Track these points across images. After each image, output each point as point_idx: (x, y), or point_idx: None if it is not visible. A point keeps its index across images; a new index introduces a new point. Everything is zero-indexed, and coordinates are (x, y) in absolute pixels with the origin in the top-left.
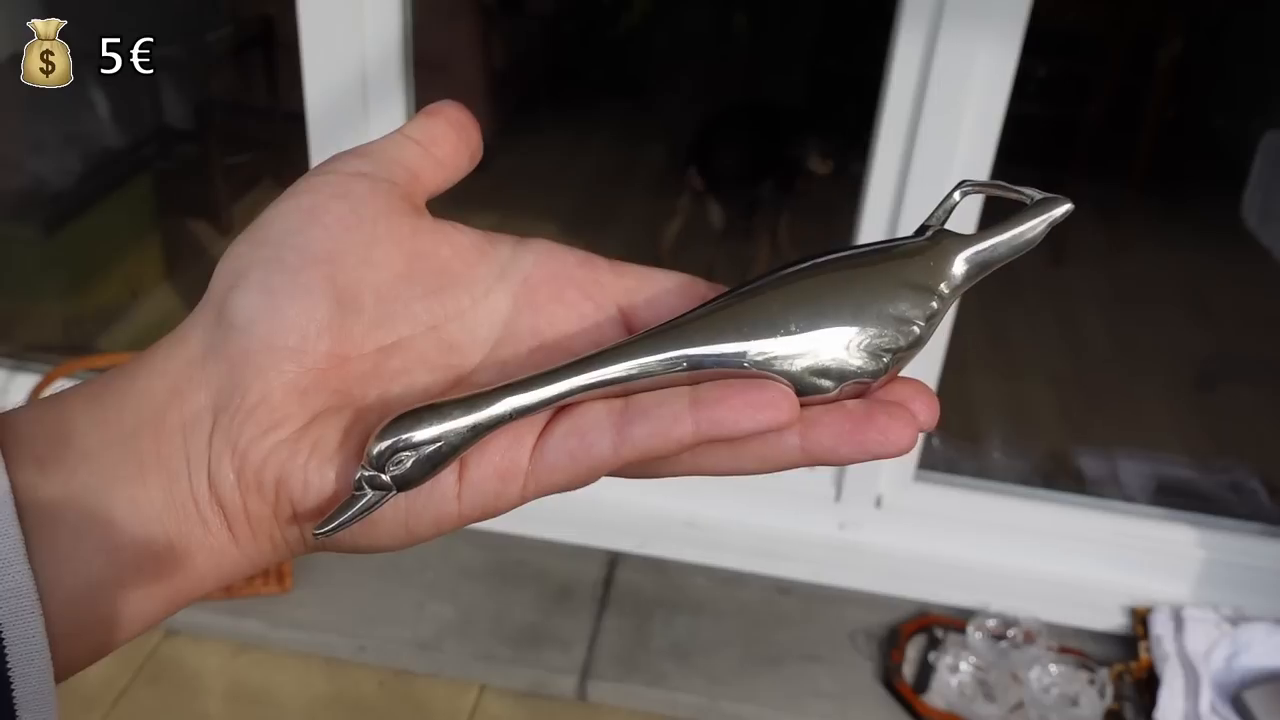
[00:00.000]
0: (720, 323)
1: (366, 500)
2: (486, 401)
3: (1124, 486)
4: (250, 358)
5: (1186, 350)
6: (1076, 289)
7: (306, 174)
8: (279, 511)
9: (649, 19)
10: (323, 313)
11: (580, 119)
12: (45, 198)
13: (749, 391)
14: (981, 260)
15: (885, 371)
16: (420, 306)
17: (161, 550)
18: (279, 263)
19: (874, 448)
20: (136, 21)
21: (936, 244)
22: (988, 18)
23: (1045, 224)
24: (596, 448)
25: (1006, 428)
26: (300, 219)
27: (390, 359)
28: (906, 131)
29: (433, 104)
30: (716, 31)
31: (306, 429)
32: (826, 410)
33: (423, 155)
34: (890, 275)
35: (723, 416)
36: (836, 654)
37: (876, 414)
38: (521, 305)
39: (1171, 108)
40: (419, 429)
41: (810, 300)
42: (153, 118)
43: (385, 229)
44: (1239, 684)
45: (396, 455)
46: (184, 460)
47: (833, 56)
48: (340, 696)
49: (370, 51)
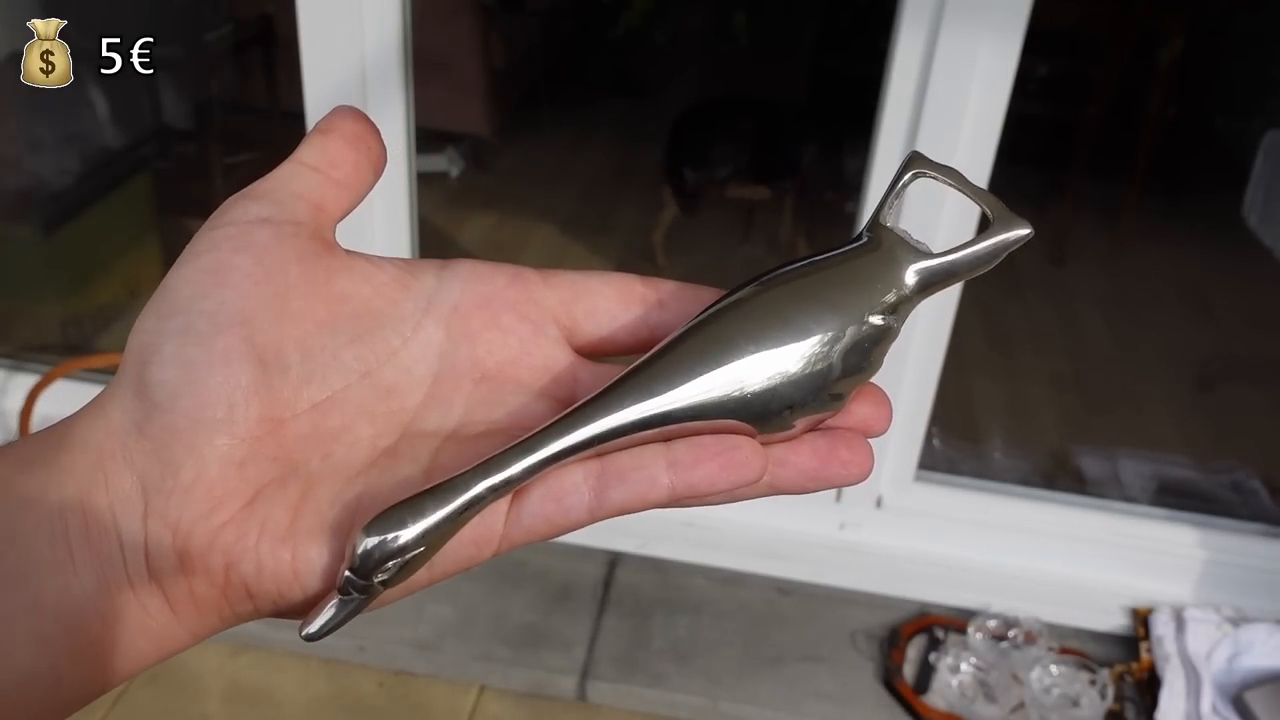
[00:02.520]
0: (681, 369)
1: (355, 604)
2: (461, 489)
3: (1125, 487)
4: (178, 435)
5: (1187, 350)
6: (1076, 289)
7: (202, 229)
8: (229, 593)
9: (649, 19)
10: (247, 378)
11: (580, 119)
12: (44, 198)
13: (723, 453)
14: (936, 280)
15: (843, 405)
16: (349, 354)
17: (97, 637)
18: (191, 332)
19: (837, 481)
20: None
21: (891, 261)
22: (988, 17)
23: (1001, 247)
24: (574, 512)
25: (1007, 428)
26: (205, 281)
27: (327, 416)
28: (906, 131)
29: (325, 119)
30: (717, 31)
31: (251, 506)
32: (790, 449)
33: (323, 182)
34: (845, 303)
35: (698, 480)
36: (837, 654)
37: (838, 448)
38: (456, 336)
39: (1172, 107)
40: (401, 531)
41: (766, 335)
42: (152, 117)
43: (298, 277)
44: (1240, 685)
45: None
46: (116, 544)
47: (833, 56)
48: (340, 697)
49: (370, 50)
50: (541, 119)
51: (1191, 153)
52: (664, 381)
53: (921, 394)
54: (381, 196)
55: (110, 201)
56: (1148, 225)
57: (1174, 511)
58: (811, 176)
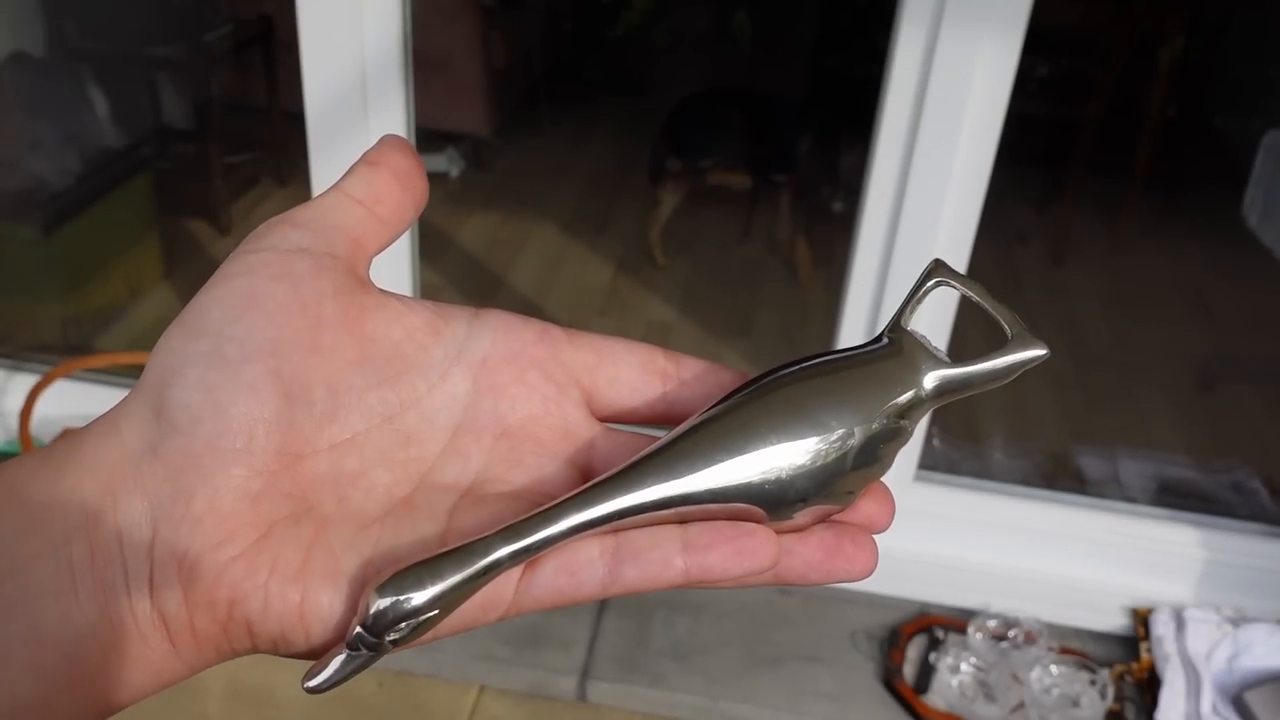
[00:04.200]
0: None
1: (361, 660)
2: (480, 553)
3: (1125, 487)
4: (194, 461)
5: (1187, 350)
6: (1077, 289)
7: (238, 251)
8: (231, 629)
9: (649, 19)
10: (270, 410)
11: (580, 118)
12: (44, 198)
13: (738, 539)
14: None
15: (853, 501)
16: (374, 396)
17: (95, 668)
18: (218, 357)
19: (840, 576)
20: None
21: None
22: (988, 17)
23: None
24: (586, 587)
25: (1007, 428)
26: (238, 306)
27: (346, 458)
28: (906, 131)
29: (375, 149)
30: (717, 31)
31: (263, 542)
32: (797, 540)
33: (366, 218)
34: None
35: (712, 564)
36: (837, 654)
37: (844, 544)
38: (482, 388)
39: (1172, 107)
40: (418, 593)
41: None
42: (152, 117)
43: (332, 311)
44: (1240, 685)
45: (392, 625)
46: (121, 573)
47: (833, 55)
48: (340, 696)
49: (370, 50)
50: (541, 118)
51: (1191, 152)
52: (686, 463)
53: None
54: None
55: (110, 201)
56: (1148, 225)
57: (1174, 511)
58: (810, 174)
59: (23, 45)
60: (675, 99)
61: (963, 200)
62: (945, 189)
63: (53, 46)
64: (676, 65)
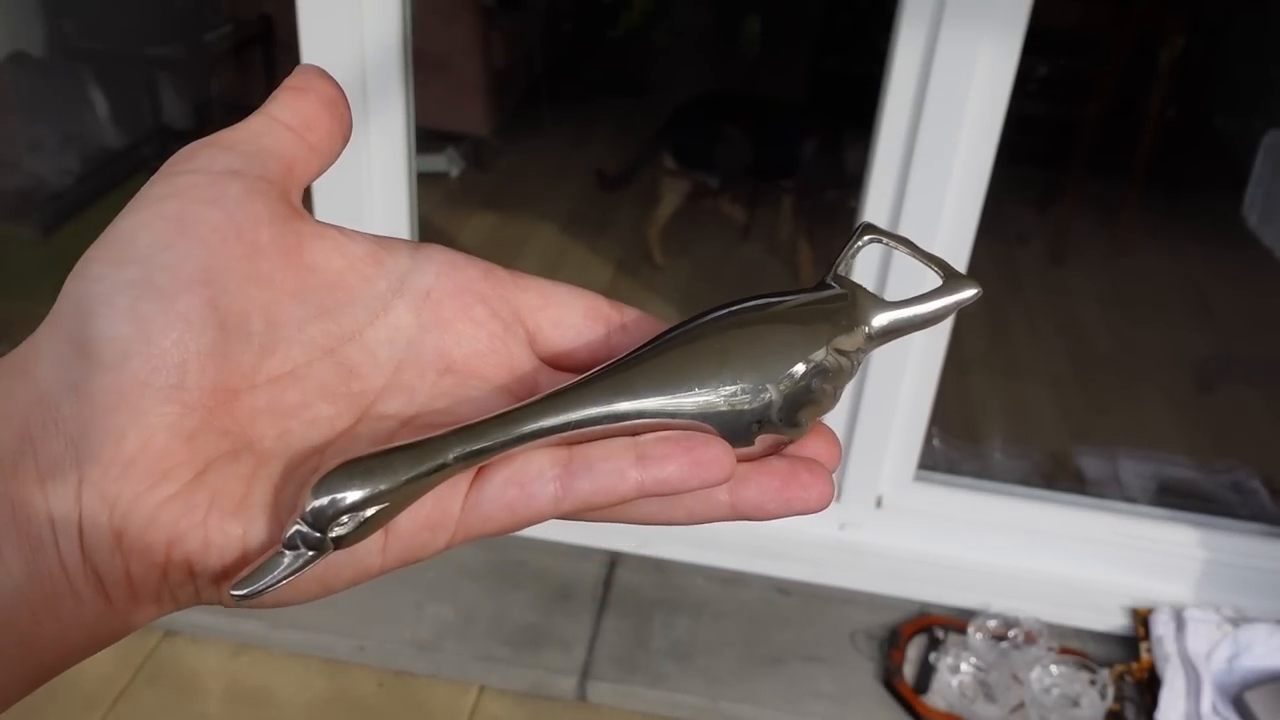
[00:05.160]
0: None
1: (300, 561)
2: (434, 451)
3: (1125, 487)
4: (122, 399)
5: (1187, 350)
6: (1076, 289)
7: (162, 173)
8: (170, 573)
9: (649, 19)
10: (206, 343)
11: (580, 118)
12: (44, 198)
13: (694, 449)
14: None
15: (804, 432)
16: (315, 328)
17: (25, 631)
18: (149, 285)
19: (798, 505)
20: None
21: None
22: (988, 17)
23: (954, 305)
24: (537, 499)
25: (1007, 428)
26: (169, 231)
27: (286, 391)
28: (906, 131)
29: (297, 75)
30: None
31: (200, 479)
32: (754, 468)
33: (296, 142)
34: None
35: (669, 474)
36: (837, 654)
37: (800, 472)
38: (426, 322)
39: (1172, 107)
40: (365, 485)
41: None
42: (152, 118)
43: (269, 239)
44: (1240, 685)
45: (338, 515)
46: (47, 523)
47: (833, 55)
48: (340, 697)
49: (370, 51)
50: (541, 119)
51: (1191, 152)
52: (644, 380)
53: (921, 394)
54: (382, 196)
55: (110, 201)
56: (1148, 225)
57: (1174, 511)
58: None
59: (23, 45)
60: (675, 99)
61: (963, 200)
62: (945, 189)
63: (53, 46)
64: (676, 65)
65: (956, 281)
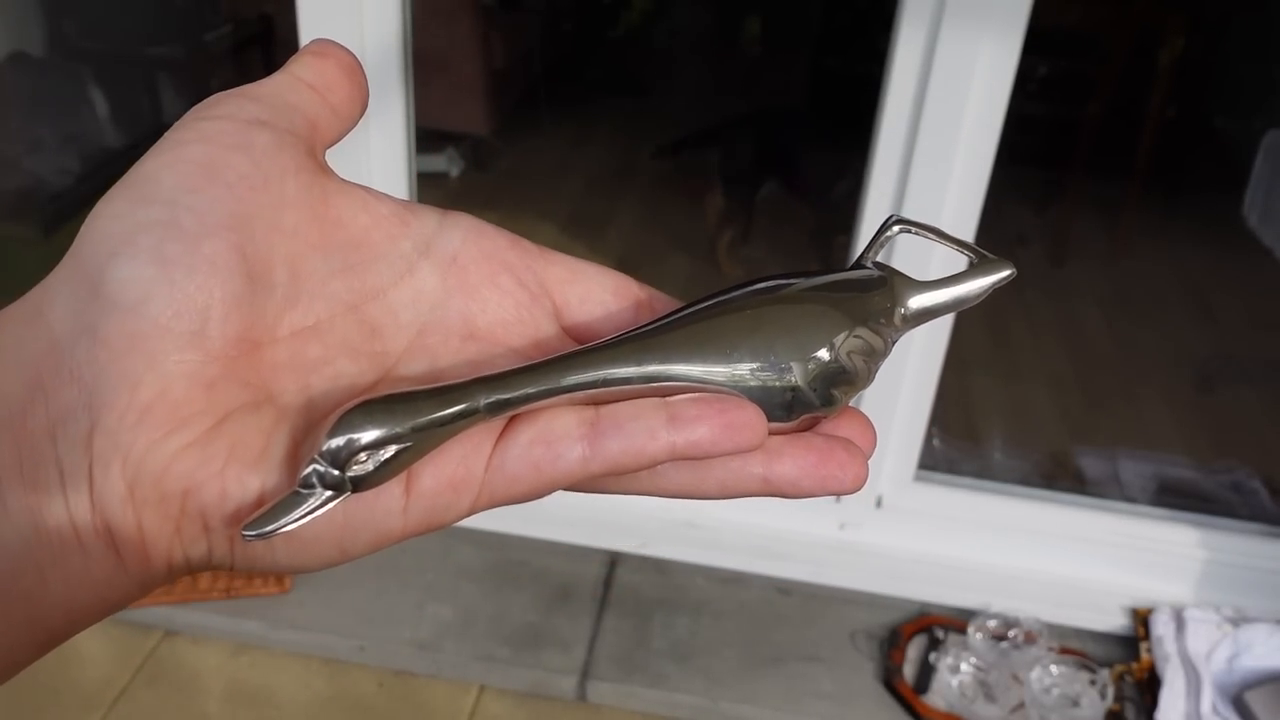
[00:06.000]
0: (693, 339)
1: (317, 501)
2: (461, 395)
3: (1125, 487)
4: (140, 343)
5: (1186, 350)
6: (1077, 289)
7: (189, 117)
8: (184, 526)
9: (649, 19)
10: (230, 290)
11: (580, 119)
12: (44, 198)
13: (727, 411)
14: (927, 309)
15: (836, 410)
16: (339, 283)
17: (31, 589)
18: (174, 227)
19: (833, 484)
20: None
21: (890, 285)
22: (988, 17)
23: (989, 286)
24: (564, 460)
25: (1007, 428)
26: (196, 174)
27: (308, 345)
28: (906, 131)
29: (314, 43)
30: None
31: (218, 429)
32: (788, 442)
33: (319, 102)
34: (850, 311)
35: (700, 436)
36: (837, 654)
37: (836, 449)
38: (451, 287)
39: (1172, 107)
40: (386, 423)
41: (775, 326)
42: (152, 118)
43: (295, 190)
44: (1240, 685)
45: (358, 452)
46: (56, 472)
47: (833, 56)
48: (340, 697)
49: (370, 51)
50: (541, 119)
51: (1191, 152)
52: (678, 344)
53: (921, 394)
54: None
55: None
56: (1148, 225)
57: (1174, 511)
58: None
59: (23, 45)
60: (675, 99)
61: (963, 201)
62: (945, 189)
63: (53, 46)
64: (676, 65)
65: (991, 262)
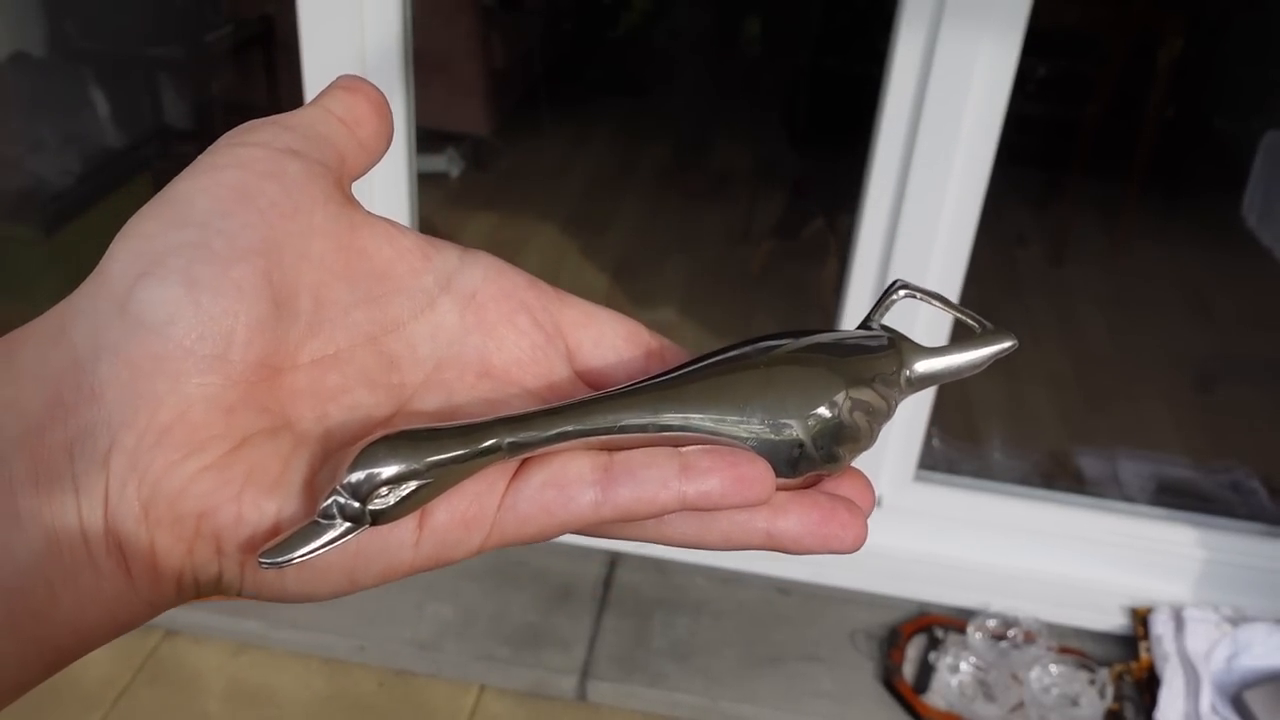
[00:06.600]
0: (706, 391)
1: (336, 532)
2: (484, 434)
3: (1124, 486)
4: (163, 364)
5: (1186, 350)
6: (1076, 289)
7: (225, 143)
8: (197, 548)
9: (649, 19)
10: (256, 315)
11: (580, 119)
12: (44, 198)
13: (739, 465)
14: (931, 374)
15: (841, 467)
16: (361, 314)
17: (41, 606)
18: (205, 250)
19: (834, 543)
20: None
21: (897, 349)
22: (988, 18)
23: (991, 356)
24: (576, 504)
25: (1006, 428)
26: (228, 199)
27: (328, 374)
28: (906, 131)
29: (343, 78)
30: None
31: (236, 453)
32: (793, 499)
33: (348, 137)
34: (857, 371)
35: (711, 488)
36: (836, 654)
37: (839, 510)
38: (470, 324)
39: (1172, 107)
40: (409, 458)
41: (784, 382)
42: (152, 118)
43: (323, 219)
44: (1239, 684)
45: (380, 486)
46: (71, 489)
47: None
48: (340, 696)
49: (370, 51)
50: (541, 119)
51: (1191, 153)
52: (692, 395)
53: (921, 394)
54: (382, 197)
55: (111, 202)
56: (1148, 225)
57: (1173, 511)
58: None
59: (23, 45)
60: (676, 99)
61: (962, 201)
62: (945, 189)
63: (53, 47)
64: (676, 65)
65: (994, 333)
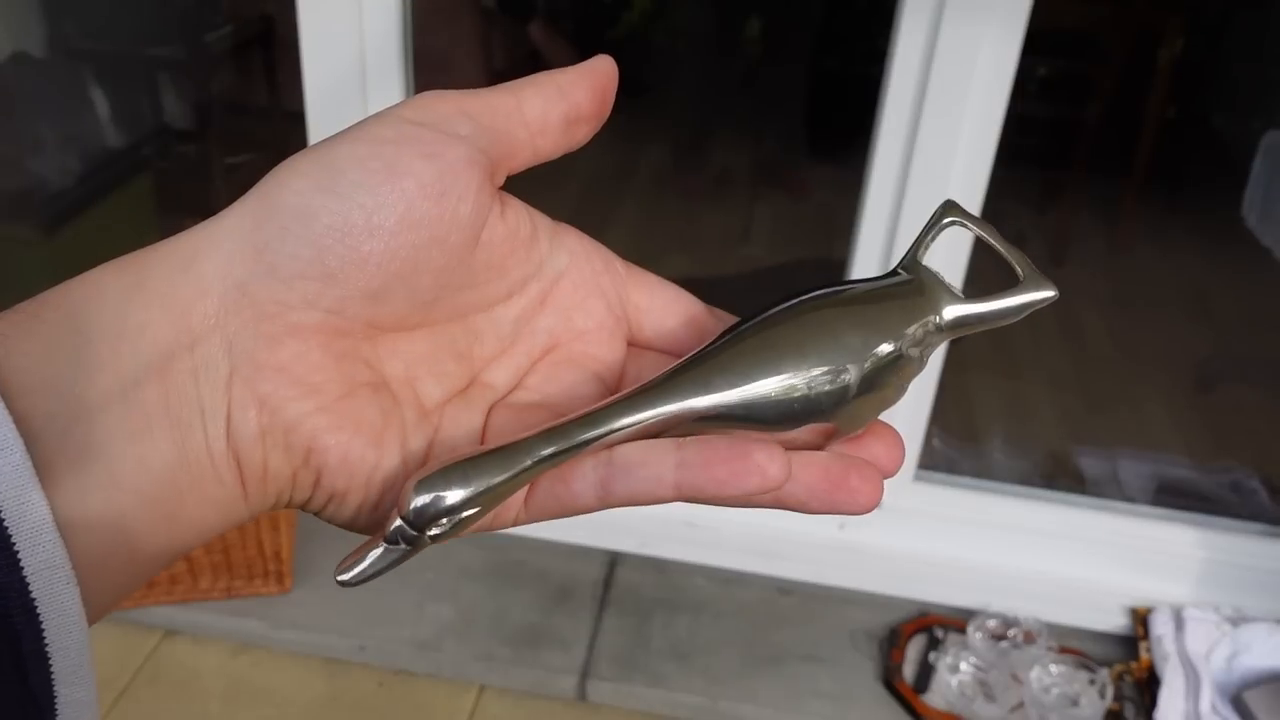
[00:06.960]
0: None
1: (395, 555)
2: (526, 452)
3: (1124, 486)
4: (285, 310)
5: (1186, 350)
6: (1076, 289)
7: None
8: (301, 476)
9: (649, 19)
10: (375, 284)
11: None
12: (44, 198)
13: (733, 459)
14: (962, 320)
15: (861, 428)
16: (465, 296)
17: (172, 510)
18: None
19: (842, 507)
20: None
21: (925, 295)
22: (988, 17)
23: (1028, 305)
24: (581, 499)
25: (1006, 428)
26: (378, 174)
27: (422, 345)
28: (906, 131)
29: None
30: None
31: (347, 401)
32: (804, 464)
33: (526, 141)
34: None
35: (704, 483)
36: (836, 654)
37: (850, 474)
38: (548, 306)
39: (1172, 107)
40: (463, 488)
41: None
42: (152, 117)
43: (468, 211)
44: (1239, 684)
45: (439, 517)
46: (198, 410)
47: (833, 56)
48: (340, 696)
49: (370, 51)
50: None
51: (1191, 153)
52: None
53: (921, 394)
54: None
55: (111, 202)
56: (1148, 225)
57: (1173, 511)
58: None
59: (23, 45)
60: (676, 99)
61: (962, 201)
62: (945, 189)
63: (53, 46)
64: (676, 65)
65: (1035, 281)
